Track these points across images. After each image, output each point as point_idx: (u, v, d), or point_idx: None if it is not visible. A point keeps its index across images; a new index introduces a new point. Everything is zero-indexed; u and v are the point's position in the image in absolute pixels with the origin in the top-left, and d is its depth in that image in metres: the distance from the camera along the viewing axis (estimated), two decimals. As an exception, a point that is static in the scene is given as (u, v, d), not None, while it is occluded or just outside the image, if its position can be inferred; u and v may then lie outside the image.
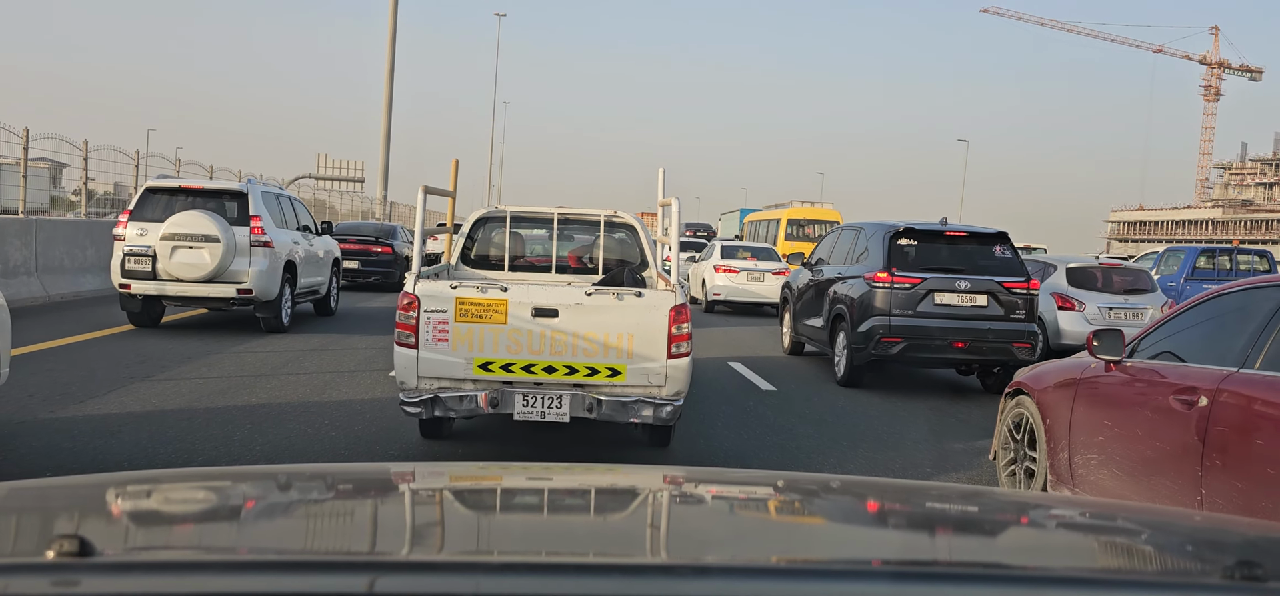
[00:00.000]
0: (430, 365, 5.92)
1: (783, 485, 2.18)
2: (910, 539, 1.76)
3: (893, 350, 9.72)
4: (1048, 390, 5.53)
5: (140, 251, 11.35)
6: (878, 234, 10.28)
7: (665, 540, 1.63)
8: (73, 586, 1.04)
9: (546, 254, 8.00)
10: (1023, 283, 9.93)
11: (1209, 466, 4.13)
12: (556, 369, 5.90)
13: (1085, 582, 1.28)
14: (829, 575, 1.24)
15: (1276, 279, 4.52)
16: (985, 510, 1.99)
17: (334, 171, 43.26)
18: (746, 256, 19.68)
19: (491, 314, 5.87)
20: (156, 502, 1.72)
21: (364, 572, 1.13)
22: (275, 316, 11.98)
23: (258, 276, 11.54)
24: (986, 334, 9.68)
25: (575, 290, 6.03)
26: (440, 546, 1.52)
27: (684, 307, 6.02)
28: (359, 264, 19.98)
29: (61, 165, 22.86)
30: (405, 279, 6.08)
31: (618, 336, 5.90)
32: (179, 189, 11.96)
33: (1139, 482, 4.67)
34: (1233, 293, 4.73)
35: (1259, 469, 3.84)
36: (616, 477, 2.24)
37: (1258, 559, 1.19)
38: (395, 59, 35.27)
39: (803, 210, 32.58)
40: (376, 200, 36.68)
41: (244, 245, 11.51)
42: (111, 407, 7.37)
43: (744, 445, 7.21)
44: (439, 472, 2.41)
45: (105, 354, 9.78)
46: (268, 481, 1.94)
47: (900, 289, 9.72)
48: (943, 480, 6.55)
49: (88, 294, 15.06)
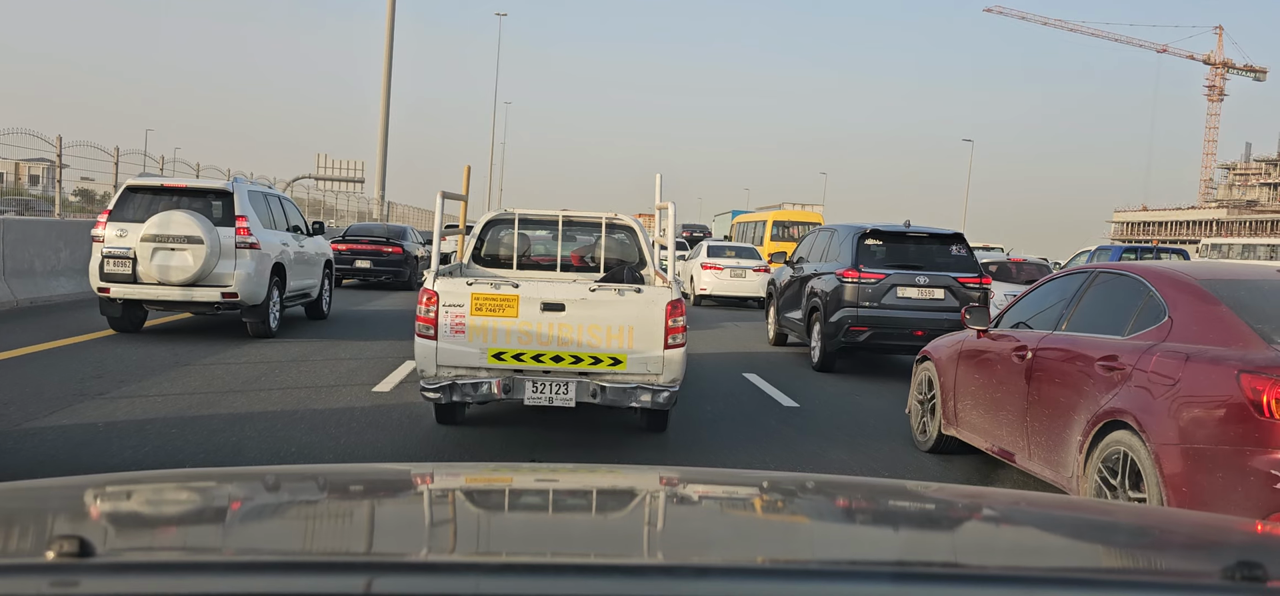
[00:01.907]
0: (448, 355, 6.43)
1: (783, 486, 2.19)
2: (910, 539, 1.75)
3: (860, 338, 10.77)
4: (942, 356, 7.04)
5: (120, 253, 10.74)
6: (848, 235, 11.37)
7: (665, 540, 1.62)
8: (73, 586, 1.04)
9: (552, 253, 8.46)
10: (976, 278, 11.13)
11: (1031, 399, 5.64)
12: (563, 358, 6.41)
13: (1085, 582, 1.28)
14: (829, 575, 1.24)
15: (1084, 267, 6.07)
16: (985, 510, 1.97)
17: (334, 172, 42.90)
18: (731, 255, 21.14)
19: (504, 308, 6.39)
20: (156, 502, 1.72)
21: (363, 573, 1.13)
22: (263, 321, 11.38)
23: (244, 279, 10.93)
24: (943, 324, 10.42)
25: (580, 286, 6.53)
26: (440, 546, 1.52)
27: (679, 303, 6.51)
28: (371, 263, 20.78)
29: (41, 161, 21.98)
30: (415, 277, 6.87)
31: (619, 329, 6.40)
32: (161, 188, 11.31)
33: (994, 415, 6.11)
34: (1058, 277, 6.24)
35: (1053, 392, 5.43)
36: (617, 478, 2.24)
37: (1258, 559, 1.18)
38: (392, 61, 34.92)
39: (788, 212, 35.08)
40: (374, 200, 36.19)
41: (229, 246, 10.90)
42: (46, 435, 6.43)
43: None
44: (439, 473, 2.38)
45: (59, 366, 8.91)
46: (267, 482, 1.92)
47: (867, 284, 10.78)
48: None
49: (61, 298, 14.16)
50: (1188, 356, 4.52)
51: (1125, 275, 5.51)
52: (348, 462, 6.14)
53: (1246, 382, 4.14)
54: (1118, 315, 5.27)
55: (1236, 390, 4.17)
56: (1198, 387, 4.39)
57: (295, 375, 9.11)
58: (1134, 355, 4.83)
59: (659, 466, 5.49)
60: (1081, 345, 5.34)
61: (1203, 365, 4.42)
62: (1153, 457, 4.43)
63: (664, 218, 7.87)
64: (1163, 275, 5.19)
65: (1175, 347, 4.64)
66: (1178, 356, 4.56)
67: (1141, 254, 21.48)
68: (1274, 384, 4.06)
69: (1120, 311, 5.27)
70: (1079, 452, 5.03)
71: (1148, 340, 4.85)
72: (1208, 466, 4.23)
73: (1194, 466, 4.27)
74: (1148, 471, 4.47)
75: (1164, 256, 21.27)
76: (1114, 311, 5.34)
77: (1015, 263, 16.30)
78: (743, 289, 20.42)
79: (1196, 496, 4.26)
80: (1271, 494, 3.99)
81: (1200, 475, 4.25)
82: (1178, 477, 4.30)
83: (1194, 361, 4.47)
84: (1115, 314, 5.31)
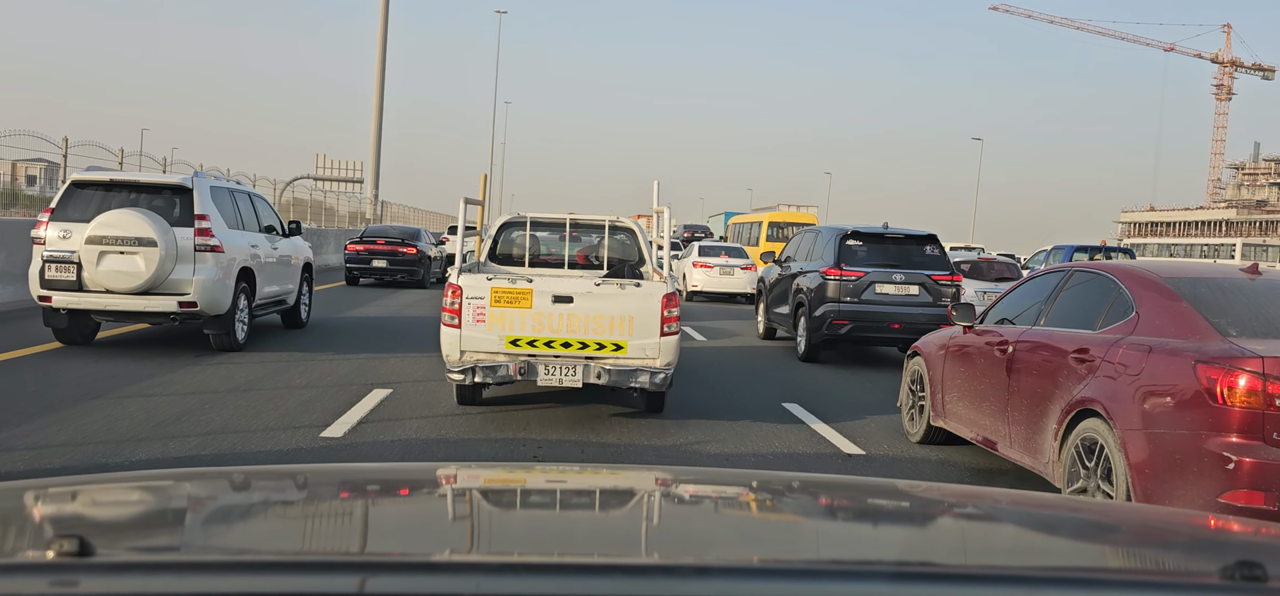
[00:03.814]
0: (471, 341, 7.20)
1: (782, 486, 2.20)
2: (911, 538, 1.76)
3: (842, 331, 11.68)
4: (931, 351, 7.42)
5: (63, 258, 9.50)
6: (831, 236, 12.31)
7: (665, 540, 1.63)
8: (73, 586, 1.04)
9: (560, 252, 9.21)
10: (948, 275, 12.03)
11: (1012, 390, 6.02)
12: (572, 344, 7.20)
13: (1085, 582, 1.28)
14: (829, 575, 1.25)
15: (1063, 266, 6.50)
16: (985, 510, 1.98)
17: (333, 172, 42.87)
18: (721, 255, 22.69)
19: (520, 300, 7.16)
20: (156, 502, 1.72)
21: (363, 573, 1.13)
22: (227, 333, 10.16)
23: (204, 286, 9.70)
24: (918, 317, 11.47)
25: (586, 281, 7.35)
26: (440, 546, 1.52)
27: (674, 296, 7.37)
28: (387, 263, 21.78)
29: (39, 162, 22.00)
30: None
31: (620, 319, 7.19)
32: (112, 183, 9.99)
33: (977, 406, 6.50)
34: (1039, 275, 6.67)
35: (1031, 383, 5.81)
36: (617, 478, 2.26)
37: (1258, 559, 1.19)
38: (386, 64, 35.02)
39: (783, 213, 36.13)
40: (367, 199, 36.29)
41: (187, 249, 9.68)
42: None
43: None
44: (439, 473, 2.39)
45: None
46: (267, 482, 1.93)
47: (847, 281, 11.66)
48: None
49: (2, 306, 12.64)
50: (1150, 349, 4.89)
51: (1098, 274, 5.90)
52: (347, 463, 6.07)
53: (1202, 372, 4.52)
54: (1090, 311, 5.66)
55: (1193, 379, 4.55)
56: (1159, 377, 4.77)
57: (230, 412, 7.39)
58: (1103, 348, 5.21)
59: (659, 466, 5.33)
60: (1056, 339, 5.72)
61: (1163, 356, 4.79)
62: (1119, 442, 4.80)
63: (660, 221, 8.88)
64: (1131, 274, 5.58)
65: (1139, 340, 5.02)
66: (1141, 349, 4.94)
67: (1092, 253, 23.62)
68: (1226, 373, 4.44)
69: (1092, 307, 5.66)
70: (1054, 440, 5.40)
71: (1116, 334, 5.23)
72: (1168, 449, 4.59)
73: (1156, 450, 4.64)
74: (1115, 455, 4.83)
75: (1115, 255, 23.42)
76: (1087, 308, 5.73)
77: (985, 261, 17.56)
78: (731, 286, 21.97)
79: (1158, 478, 4.62)
80: (1224, 474, 4.35)
81: (1161, 458, 4.61)
82: (1142, 461, 4.67)
83: (1156, 353, 4.84)
84: (1088, 310, 5.70)
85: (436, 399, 8.20)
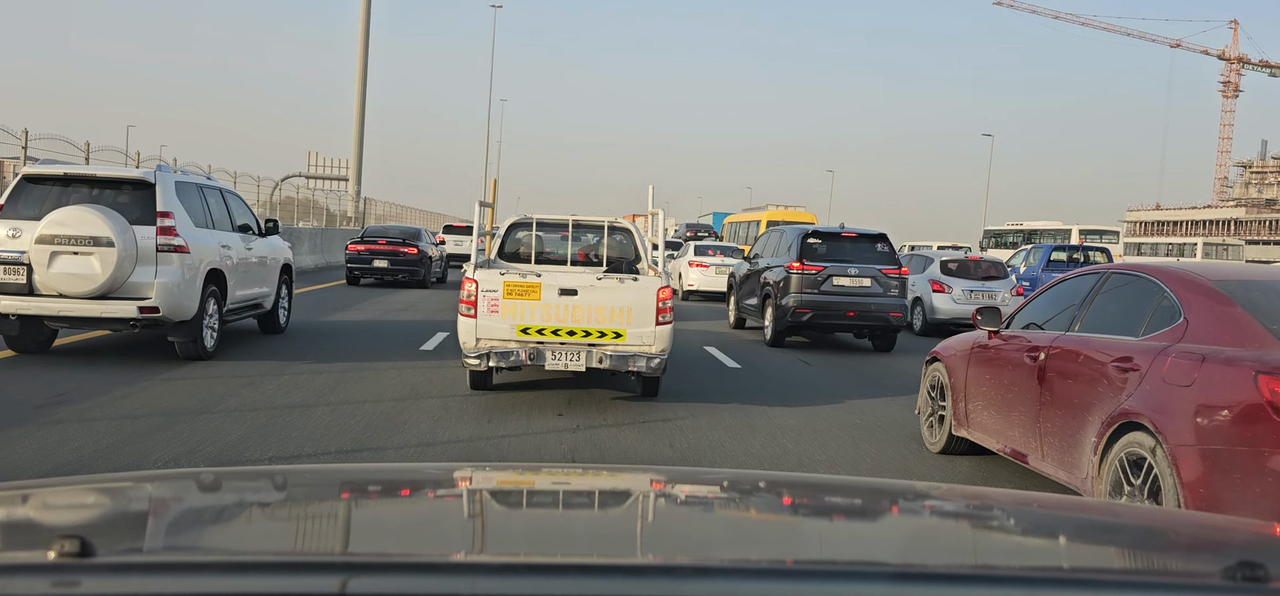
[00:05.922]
0: (485, 330, 7.93)
1: (782, 486, 2.21)
2: (910, 539, 1.75)
3: (804, 319, 13.16)
4: (953, 356, 7.10)
5: (11, 258, 8.84)
6: (795, 234, 13.81)
7: (665, 540, 1.63)
8: (73, 586, 1.04)
9: (562, 250, 9.98)
10: (897, 269, 13.47)
11: (1044, 400, 5.68)
12: (576, 332, 7.91)
13: (1085, 583, 1.28)
14: (829, 575, 1.24)
15: (1098, 267, 6.12)
16: (985, 510, 1.97)
17: (323, 170, 42.50)
18: (716, 255, 22.86)
19: (529, 292, 7.87)
20: (156, 502, 1.70)
21: (362, 572, 1.13)
22: (193, 340, 9.44)
23: (167, 290, 8.99)
24: (870, 306, 13.18)
25: (589, 275, 8.11)
26: (439, 546, 1.51)
27: (667, 288, 8.08)
28: (388, 263, 21.92)
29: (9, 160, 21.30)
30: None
31: (620, 309, 7.90)
32: (67, 177, 9.37)
33: (1006, 416, 6.15)
34: (1071, 279, 6.32)
35: (1067, 393, 5.47)
36: (616, 479, 2.26)
37: (1258, 559, 1.18)
38: (367, 63, 34.63)
39: (780, 212, 35.91)
40: (350, 197, 35.93)
41: (148, 249, 8.99)
42: None
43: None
44: (439, 473, 2.35)
45: None
46: (267, 482, 1.92)
47: (808, 274, 13.12)
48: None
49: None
50: (1204, 357, 4.52)
51: (1138, 276, 5.53)
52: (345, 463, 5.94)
53: (1264, 384, 4.15)
54: (1131, 316, 5.30)
55: (1254, 391, 4.18)
56: (1214, 389, 4.40)
57: (177, 441, 6.36)
58: (1148, 356, 4.84)
59: (660, 467, 5.42)
60: (1094, 346, 5.36)
61: (1219, 366, 4.43)
62: (1170, 458, 4.43)
63: (655, 222, 9.80)
64: (1177, 276, 5.20)
65: (1190, 348, 4.65)
66: (1193, 358, 4.57)
67: (1072, 253, 24.00)
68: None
69: (1134, 313, 5.30)
70: (1094, 454, 5.03)
71: (1162, 341, 4.86)
72: (1225, 467, 4.23)
73: (1211, 468, 4.27)
74: (1165, 473, 4.47)
75: (1094, 256, 23.37)
76: (1127, 313, 5.37)
77: (973, 260, 17.50)
78: (724, 285, 21.84)
79: (1214, 497, 4.26)
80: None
81: (1218, 476, 4.25)
82: (1196, 479, 4.30)
83: (1210, 362, 4.47)
84: (1129, 315, 5.34)
85: (415, 422, 7.28)
